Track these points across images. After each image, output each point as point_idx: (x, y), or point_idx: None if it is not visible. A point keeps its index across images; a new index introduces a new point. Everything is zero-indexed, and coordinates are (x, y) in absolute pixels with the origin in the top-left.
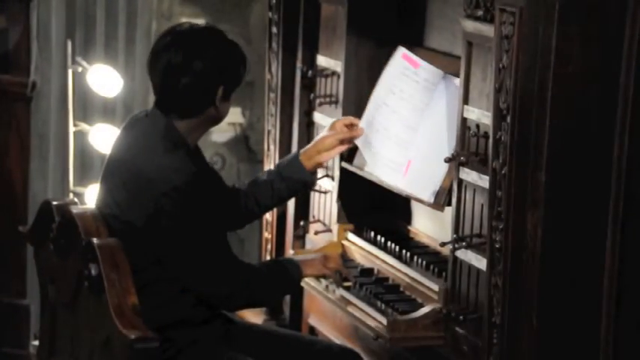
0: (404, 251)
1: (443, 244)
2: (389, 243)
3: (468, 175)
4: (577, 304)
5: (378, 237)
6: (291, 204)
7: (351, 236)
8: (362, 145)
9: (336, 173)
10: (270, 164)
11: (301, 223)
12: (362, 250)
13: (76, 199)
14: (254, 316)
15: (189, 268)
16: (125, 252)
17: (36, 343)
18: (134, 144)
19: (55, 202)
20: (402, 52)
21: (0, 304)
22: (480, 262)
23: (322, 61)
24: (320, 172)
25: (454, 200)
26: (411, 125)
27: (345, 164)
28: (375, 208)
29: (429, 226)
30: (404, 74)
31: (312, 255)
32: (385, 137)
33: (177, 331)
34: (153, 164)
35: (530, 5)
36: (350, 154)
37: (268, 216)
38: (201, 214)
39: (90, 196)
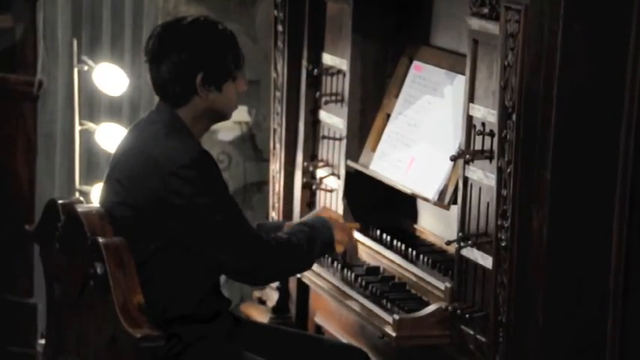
0: (410, 250)
1: (449, 243)
2: (395, 241)
3: (474, 173)
4: (583, 302)
5: (384, 235)
6: (297, 202)
7: (357, 235)
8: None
9: (342, 172)
10: (276, 163)
11: None
12: (368, 249)
13: (81, 198)
14: (260, 315)
15: (210, 246)
16: (128, 241)
17: (43, 341)
18: (141, 134)
19: (60, 201)
20: (413, 65)
21: (7, 303)
22: (485, 261)
23: (328, 59)
24: (326, 171)
25: (460, 199)
26: (414, 123)
27: (350, 162)
28: (380, 206)
29: (435, 225)
30: (414, 82)
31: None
32: (395, 140)
33: (183, 326)
34: (158, 147)
35: (535, 3)
36: (356, 153)
37: (275, 214)
38: (213, 188)
39: (96, 195)
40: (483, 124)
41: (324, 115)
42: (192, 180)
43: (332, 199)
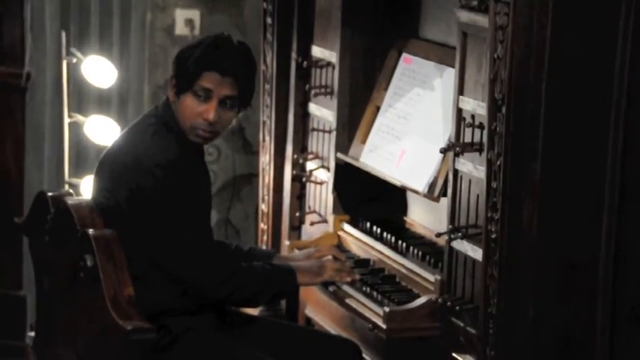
0: (400, 242)
1: (439, 235)
2: (385, 234)
3: (464, 165)
4: (573, 293)
5: (374, 228)
6: (286, 194)
7: (347, 227)
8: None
9: (332, 164)
10: (265, 155)
11: (297, 214)
12: (358, 241)
13: (71, 190)
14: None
15: (167, 252)
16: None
17: (32, 334)
18: (135, 125)
19: (50, 193)
20: (403, 57)
21: None
22: (475, 253)
23: (317, 51)
24: (316, 163)
25: (450, 191)
26: (404, 116)
27: (340, 155)
28: (370, 198)
29: (425, 217)
30: (403, 74)
31: (309, 263)
32: (385, 132)
33: (171, 318)
34: (143, 143)
35: None
36: (346, 145)
37: (264, 207)
38: (182, 194)
39: (85, 187)
40: (473, 117)
41: (313, 108)
42: (162, 180)
43: (322, 191)
